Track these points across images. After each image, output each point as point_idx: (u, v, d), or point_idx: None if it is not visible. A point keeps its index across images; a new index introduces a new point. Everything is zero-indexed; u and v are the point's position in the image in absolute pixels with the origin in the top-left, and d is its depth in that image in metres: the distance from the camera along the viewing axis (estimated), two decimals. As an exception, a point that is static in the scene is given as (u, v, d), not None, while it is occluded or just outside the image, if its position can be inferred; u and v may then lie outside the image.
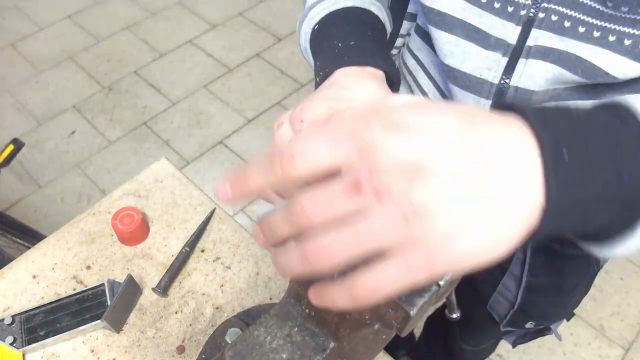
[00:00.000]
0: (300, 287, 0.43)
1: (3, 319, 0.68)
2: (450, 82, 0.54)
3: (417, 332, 1.62)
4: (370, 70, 0.46)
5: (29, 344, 0.66)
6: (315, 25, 0.53)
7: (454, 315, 0.54)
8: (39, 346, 0.67)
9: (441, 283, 0.38)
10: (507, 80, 0.50)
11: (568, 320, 0.95)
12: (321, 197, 0.26)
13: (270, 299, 0.72)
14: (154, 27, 2.61)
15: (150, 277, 0.74)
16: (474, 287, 0.80)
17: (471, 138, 0.26)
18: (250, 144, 2.12)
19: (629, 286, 1.71)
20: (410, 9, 0.61)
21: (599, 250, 0.35)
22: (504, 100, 0.51)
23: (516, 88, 0.50)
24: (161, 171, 0.86)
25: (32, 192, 2.00)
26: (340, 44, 0.49)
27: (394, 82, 0.49)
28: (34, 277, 0.74)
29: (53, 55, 2.48)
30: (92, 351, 0.67)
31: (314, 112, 0.41)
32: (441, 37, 0.52)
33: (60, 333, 0.67)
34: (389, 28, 0.55)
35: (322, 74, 0.48)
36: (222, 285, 0.73)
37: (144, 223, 0.77)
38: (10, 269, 0.75)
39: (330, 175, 0.27)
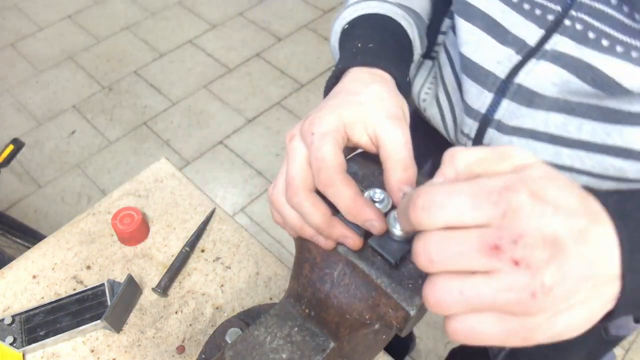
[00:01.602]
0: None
1: (3, 319, 0.68)
2: (462, 70, 0.55)
3: (417, 331, 1.62)
4: (378, 72, 0.46)
5: (29, 344, 0.66)
6: (345, 25, 0.54)
7: None
8: (39, 346, 0.67)
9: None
10: (513, 78, 0.51)
11: None
12: (452, 246, 0.27)
13: (270, 299, 0.72)
14: (154, 27, 2.61)
15: (150, 277, 0.74)
16: None
17: (593, 228, 0.27)
18: (250, 144, 2.12)
19: (629, 286, 1.71)
20: (453, 7, 0.62)
21: None
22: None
23: (519, 86, 0.50)
24: (161, 171, 0.86)
25: (32, 192, 2.00)
26: (359, 45, 0.49)
27: (402, 90, 0.48)
28: (34, 277, 0.74)
29: (53, 55, 2.48)
30: (92, 351, 0.67)
31: (322, 123, 0.41)
32: (461, 26, 0.53)
33: (60, 333, 0.67)
34: (417, 45, 0.56)
35: (335, 70, 0.49)
36: (222, 285, 0.73)
37: (144, 223, 0.77)
38: (10, 269, 0.75)
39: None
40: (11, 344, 0.66)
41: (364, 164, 0.45)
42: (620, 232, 0.28)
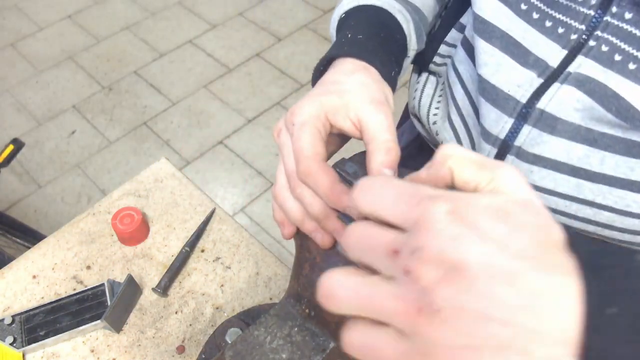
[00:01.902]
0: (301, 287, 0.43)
1: (3, 319, 0.68)
2: (479, 93, 0.52)
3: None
4: (363, 64, 0.46)
5: (29, 344, 0.66)
6: (342, 14, 0.54)
7: None
8: (39, 346, 0.67)
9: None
10: (535, 102, 0.48)
11: None
12: (368, 238, 0.27)
13: (270, 299, 0.72)
14: (154, 27, 2.61)
15: (150, 277, 0.74)
16: None
17: (535, 275, 0.23)
18: (250, 144, 2.12)
19: (629, 286, 1.71)
20: (463, 20, 0.59)
21: None
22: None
23: (542, 112, 0.48)
24: (161, 171, 0.86)
25: (32, 192, 2.00)
26: (349, 35, 0.49)
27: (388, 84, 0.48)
28: (34, 277, 0.74)
29: (53, 55, 2.48)
30: (92, 351, 0.67)
31: (302, 112, 0.41)
32: (480, 47, 0.50)
33: (60, 333, 0.67)
34: (412, 41, 0.55)
35: (322, 58, 0.48)
36: (222, 285, 0.73)
37: (144, 223, 0.77)
38: (10, 269, 0.75)
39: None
40: (11, 344, 0.66)
41: (364, 164, 0.45)
42: (587, 288, 0.23)
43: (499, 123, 0.50)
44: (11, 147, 1.22)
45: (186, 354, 0.67)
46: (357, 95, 0.42)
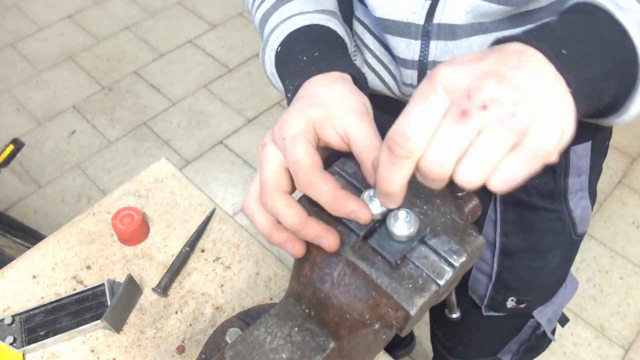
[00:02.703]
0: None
1: (3, 319, 0.68)
2: (384, 31, 0.59)
3: (417, 331, 1.62)
4: (336, 74, 0.48)
5: (29, 344, 0.66)
6: (277, 48, 0.56)
7: (454, 315, 0.54)
8: (39, 346, 0.67)
9: (441, 283, 0.38)
10: (431, 20, 0.55)
11: (562, 325, 0.93)
12: (442, 137, 0.32)
13: (270, 299, 0.72)
14: (154, 27, 2.61)
15: (150, 277, 0.74)
16: None
17: (524, 58, 0.34)
18: (250, 144, 2.12)
19: (629, 286, 1.71)
20: None
21: (614, 119, 0.45)
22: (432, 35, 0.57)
23: (439, 25, 0.55)
24: (161, 171, 0.86)
25: (32, 192, 2.00)
26: (305, 58, 0.51)
27: (362, 86, 0.50)
28: (34, 277, 0.74)
29: (53, 55, 2.48)
30: (92, 351, 0.67)
31: (291, 126, 0.42)
32: None
33: (60, 333, 0.67)
34: (349, 41, 0.58)
35: (292, 88, 0.49)
36: (222, 285, 0.73)
37: (144, 223, 0.77)
38: (10, 269, 0.75)
39: None
40: (11, 344, 0.66)
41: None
42: (544, 50, 0.35)
43: (409, 48, 0.58)
44: (11, 147, 1.22)
45: (186, 354, 0.67)
46: (339, 107, 0.44)
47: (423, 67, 0.59)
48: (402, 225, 0.39)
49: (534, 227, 0.72)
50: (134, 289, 0.71)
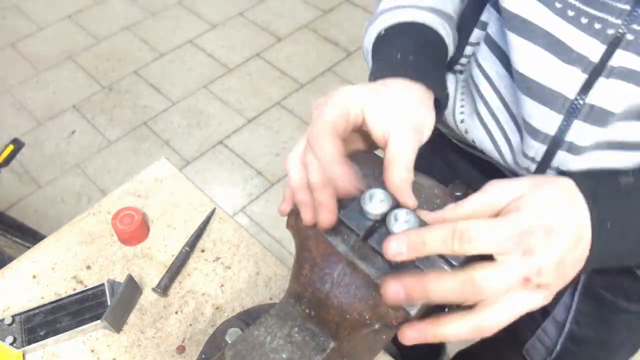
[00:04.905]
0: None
1: (3, 319, 0.68)
2: (522, 92, 0.52)
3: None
4: (418, 86, 0.48)
5: (29, 344, 0.66)
6: (381, 31, 0.55)
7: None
8: (39, 346, 0.67)
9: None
10: (583, 97, 0.48)
11: None
12: (500, 282, 0.37)
13: (270, 299, 0.72)
14: (154, 27, 2.61)
15: (150, 277, 0.74)
16: (513, 329, 0.76)
17: (535, 238, 0.38)
18: (250, 144, 2.12)
19: (629, 286, 1.71)
20: (483, 17, 0.59)
21: None
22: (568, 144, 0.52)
23: (592, 106, 0.48)
24: (161, 171, 0.86)
25: (32, 192, 2.00)
26: (399, 56, 0.50)
27: (440, 105, 0.50)
28: (34, 277, 0.74)
29: (53, 55, 2.48)
30: (92, 351, 0.67)
31: (346, 93, 0.44)
32: (518, 44, 0.50)
33: (60, 333, 0.67)
34: (451, 51, 0.57)
35: (374, 77, 0.50)
36: (222, 285, 0.73)
37: (144, 223, 0.77)
38: (10, 269, 0.75)
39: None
40: (11, 344, 0.66)
41: (365, 164, 0.45)
42: (592, 218, 0.39)
43: (548, 120, 0.51)
44: (11, 147, 1.22)
45: (186, 354, 0.67)
46: (401, 113, 0.45)
47: (555, 145, 0.52)
48: (403, 225, 0.39)
49: (612, 324, 0.68)
50: (134, 289, 0.71)
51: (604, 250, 0.40)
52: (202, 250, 0.77)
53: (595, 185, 0.41)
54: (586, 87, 0.48)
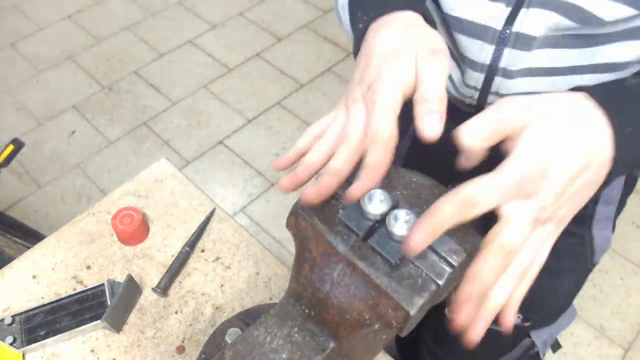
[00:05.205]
0: None
1: (3, 319, 0.68)
2: (457, 31, 0.59)
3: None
4: (417, 15, 0.49)
5: (29, 344, 0.66)
6: None
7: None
8: (39, 346, 0.67)
9: (441, 283, 0.38)
10: (510, 27, 0.55)
11: (554, 351, 0.92)
12: (518, 234, 0.39)
13: (270, 299, 0.72)
14: (154, 27, 2.61)
15: (150, 277, 0.74)
16: None
17: (531, 181, 0.39)
18: (250, 144, 2.12)
19: (629, 286, 1.71)
20: None
21: None
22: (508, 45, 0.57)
23: (517, 34, 0.55)
24: (161, 171, 0.86)
25: (32, 192, 2.00)
26: None
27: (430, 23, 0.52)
28: (34, 277, 0.74)
29: (53, 55, 2.48)
30: (92, 351, 0.67)
31: (385, 90, 0.44)
32: None
33: (60, 333, 0.67)
34: None
35: (366, 18, 0.50)
36: (222, 285, 0.73)
37: (144, 223, 0.77)
38: (10, 269, 0.75)
39: None
40: (11, 344, 0.66)
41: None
42: (614, 128, 0.40)
43: (482, 52, 0.58)
44: (11, 147, 1.22)
45: (186, 354, 0.67)
46: (420, 46, 0.45)
47: (492, 72, 0.59)
48: (402, 225, 0.39)
49: (555, 248, 0.71)
50: (134, 289, 0.71)
51: (628, 156, 0.41)
52: (202, 250, 0.77)
53: (609, 94, 0.42)
54: (510, 18, 0.55)
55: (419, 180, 0.45)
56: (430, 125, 0.40)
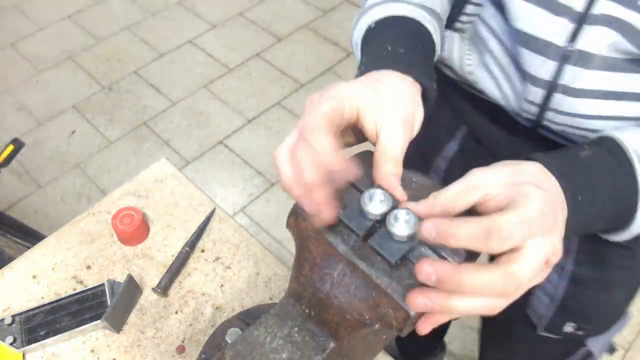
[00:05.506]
0: None
1: (3, 319, 0.68)
2: (520, 45, 0.59)
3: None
4: (410, 79, 0.50)
5: (29, 344, 0.66)
6: (371, 24, 0.57)
7: None
8: (39, 346, 0.67)
9: (441, 283, 0.38)
10: (572, 44, 0.55)
11: (611, 353, 0.91)
12: (532, 271, 0.38)
13: (270, 299, 0.72)
14: (154, 27, 2.61)
15: (150, 277, 0.74)
16: None
17: (549, 218, 0.40)
18: (250, 144, 2.12)
19: (629, 286, 1.71)
20: None
21: (613, 237, 0.52)
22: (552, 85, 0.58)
23: (579, 52, 0.55)
24: (161, 171, 0.86)
25: (32, 192, 2.00)
26: (390, 48, 0.53)
27: (427, 98, 0.52)
28: (34, 277, 0.74)
29: (53, 55, 2.48)
30: (92, 351, 0.67)
31: (340, 91, 0.45)
32: (515, 2, 0.57)
33: (60, 333, 0.67)
34: (438, 49, 0.60)
35: (364, 69, 0.51)
36: (222, 285, 0.73)
37: (144, 223, 0.77)
38: (10, 269, 0.75)
39: None
40: (11, 344, 0.66)
41: (364, 165, 0.45)
42: (566, 194, 0.43)
43: (543, 67, 0.58)
44: (11, 147, 1.22)
45: (186, 354, 0.67)
46: (392, 107, 0.46)
47: (552, 89, 0.59)
48: (402, 225, 0.39)
49: (608, 261, 0.72)
50: (134, 289, 0.71)
51: (580, 220, 0.44)
52: (202, 250, 0.77)
53: (562, 164, 0.44)
54: (574, 35, 0.54)
55: (419, 180, 0.45)
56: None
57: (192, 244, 0.76)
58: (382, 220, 0.40)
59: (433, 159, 0.83)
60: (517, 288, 0.38)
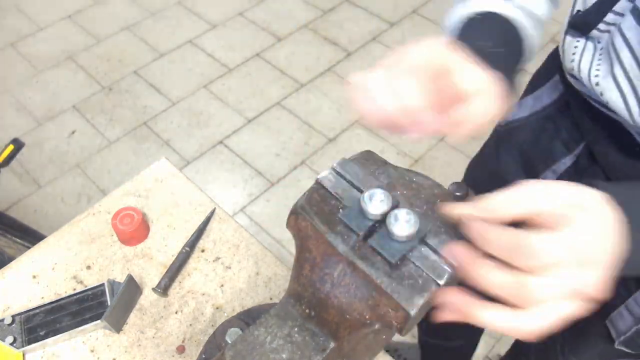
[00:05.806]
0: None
1: (3, 319, 0.68)
2: None
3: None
4: (497, 75, 0.53)
5: (29, 344, 0.66)
6: (477, 14, 0.60)
7: None
8: (39, 346, 0.67)
9: (441, 283, 0.38)
10: None
11: None
12: (552, 294, 0.37)
13: (270, 299, 0.72)
14: (154, 27, 2.61)
15: (150, 277, 0.74)
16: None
17: (590, 250, 0.38)
18: (250, 144, 2.12)
19: (629, 286, 1.71)
20: None
21: None
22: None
23: None
24: (161, 171, 0.86)
25: (32, 192, 2.00)
26: (479, 43, 0.55)
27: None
28: (34, 277, 0.74)
29: (53, 55, 2.48)
30: (92, 351, 0.67)
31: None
32: None
33: (60, 333, 0.67)
34: (532, 55, 0.63)
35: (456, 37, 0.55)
36: (222, 285, 0.73)
37: (144, 223, 0.77)
38: (10, 269, 0.75)
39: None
40: (11, 344, 0.66)
41: (365, 164, 0.45)
42: (630, 228, 0.39)
43: None
44: (11, 147, 1.22)
45: (186, 354, 0.67)
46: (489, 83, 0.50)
47: None
48: (402, 225, 0.39)
49: None
50: (134, 289, 0.71)
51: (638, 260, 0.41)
52: (202, 250, 0.77)
53: (629, 197, 0.42)
54: None
55: (419, 180, 0.45)
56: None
57: (192, 244, 0.76)
58: (383, 220, 0.40)
59: (542, 170, 0.81)
60: (527, 300, 0.36)
